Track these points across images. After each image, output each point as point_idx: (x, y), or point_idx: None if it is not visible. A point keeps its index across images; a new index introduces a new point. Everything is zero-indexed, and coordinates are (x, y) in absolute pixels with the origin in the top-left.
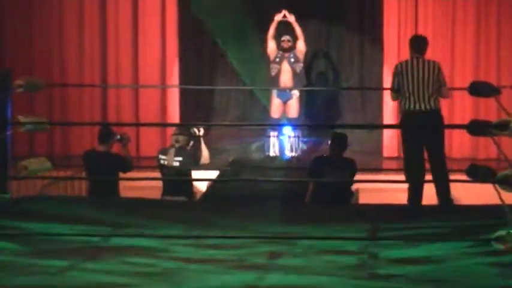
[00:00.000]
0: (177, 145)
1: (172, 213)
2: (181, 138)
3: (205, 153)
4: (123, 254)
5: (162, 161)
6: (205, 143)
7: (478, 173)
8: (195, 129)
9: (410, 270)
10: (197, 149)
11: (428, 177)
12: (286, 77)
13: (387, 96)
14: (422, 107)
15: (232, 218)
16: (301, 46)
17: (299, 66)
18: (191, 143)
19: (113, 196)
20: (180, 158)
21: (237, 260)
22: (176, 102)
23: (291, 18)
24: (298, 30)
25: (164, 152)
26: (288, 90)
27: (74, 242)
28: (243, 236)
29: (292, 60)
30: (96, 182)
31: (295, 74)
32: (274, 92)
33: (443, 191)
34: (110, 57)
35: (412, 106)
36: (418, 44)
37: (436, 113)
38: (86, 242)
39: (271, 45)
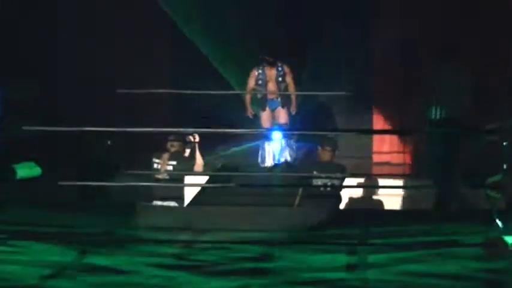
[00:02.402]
0: (172, 150)
1: (161, 218)
2: (176, 143)
3: (199, 160)
4: (112, 257)
5: (155, 165)
6: (200, 151)
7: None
8: (191, 137)
9: (400, 275)
10: (192, 155)
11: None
12: (271, 91)
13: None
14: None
15: (222, 223)
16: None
17: (284, 85)
18: (188, 150)
19: (104, 200)
20: (174, 162)
21: (225, 265)
22: (167, 107)
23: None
24: (289, 77)
25: (158, 155)
26: (275, 98)
27: (63, 245)
28: (232, 241)
29: (280, 79)
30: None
31: (279, 91)
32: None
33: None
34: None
35: (441, 114)
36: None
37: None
38: (76, 245)
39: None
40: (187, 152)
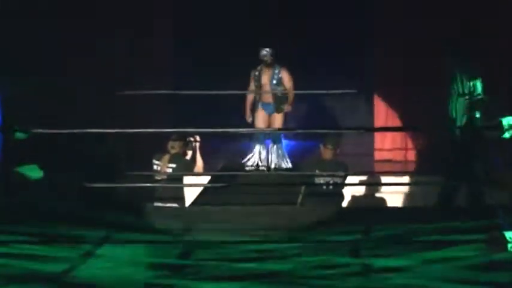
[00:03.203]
0: (172, 151)
1: (163, 219)
2: (177, 144)
3: (199, 162)
4: (114, 260)
5: (155, 167)
6: (201, 152)
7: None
8: (191, 138)
9: (403, 272)
10: (192, 157)
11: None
12: (267, 95)
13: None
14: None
15: (223, 223)
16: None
17: (281, 89)
18: (190, 152)
19: (106, 201)
20: (174, 165)
21: (227, 266)
22: (170, 108)
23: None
24: (286, 78)
25: (159, 157)
26: (270, 103)
27: (64, 248)
28: (234, 241)
29: (275, 82)
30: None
31: (276, 97)
32: (260, 104)
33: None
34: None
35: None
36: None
37: None
38: (77, 247)
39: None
40: (189, 153)
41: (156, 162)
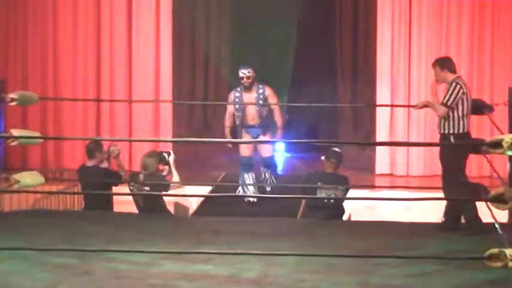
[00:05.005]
0: (144, 172)
1: (164, 229)
2: (150, 162)
3: (175, 178)
4: (115, 269)
5: (131, 187)
6: (176, 168)
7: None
8: (165, 154)
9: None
10: (167, 175)
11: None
12: (251, 116)
13: (380, 112)
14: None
15: (224, 234)
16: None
17: (265, 110)
18: (166, 167)
19: (106, 210)
20: (148, 188)
21: (227, 277)
22: (169, 117)
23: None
24: (272, 97)
25: (133, 178)
26: (255, 125)
27: (65, 256)
28: (234, 253)
29: (261, 102)
30: (88, 196)
31: (261, 117)
32: (244, 129)
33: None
34: (104, 71)
35: (467, 127)
36: (454, 64)
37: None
38: (78, 256)
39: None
40: (166, 169)
41: (132, 183)
